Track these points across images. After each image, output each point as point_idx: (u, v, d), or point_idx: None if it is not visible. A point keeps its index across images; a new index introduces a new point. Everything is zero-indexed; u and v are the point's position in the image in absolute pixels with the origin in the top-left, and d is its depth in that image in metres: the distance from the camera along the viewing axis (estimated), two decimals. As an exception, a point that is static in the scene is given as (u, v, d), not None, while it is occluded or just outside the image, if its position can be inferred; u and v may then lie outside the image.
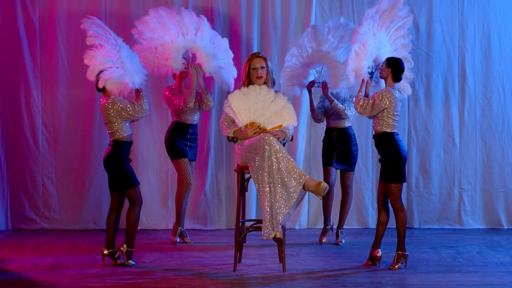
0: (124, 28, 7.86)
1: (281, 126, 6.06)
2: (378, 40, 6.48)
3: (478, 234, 7.74)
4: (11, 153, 7.89)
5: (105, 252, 6.30)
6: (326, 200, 7.17)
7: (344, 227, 7.37)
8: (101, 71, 6.15)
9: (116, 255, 6.31)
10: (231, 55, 7.18)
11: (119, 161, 6.25)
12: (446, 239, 7.49)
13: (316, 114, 7.19)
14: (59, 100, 7.89)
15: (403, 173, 6.15)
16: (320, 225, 7.79)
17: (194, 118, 7.17)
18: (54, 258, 6.56)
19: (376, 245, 6.24)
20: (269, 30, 7.98)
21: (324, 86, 7.02)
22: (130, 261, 6.30)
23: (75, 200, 7.93)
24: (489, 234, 7.77)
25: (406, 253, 6.18)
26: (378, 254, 6.22)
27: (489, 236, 7.62)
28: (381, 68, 6.25)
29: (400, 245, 6.15)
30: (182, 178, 7.10)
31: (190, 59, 7.08)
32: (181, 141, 7.10)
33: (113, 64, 6.18)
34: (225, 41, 7.16)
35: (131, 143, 6.34)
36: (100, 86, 6.18)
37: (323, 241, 7.21)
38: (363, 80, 6.36)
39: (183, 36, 6.95)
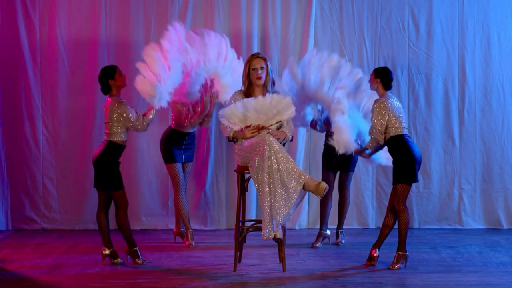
0: (124, 27, 7.89)
1: (279, 121, 6.05)
2: (353, 118, 6.57)
3: (478, 234, 7.74)
4: (12, 153, 7.89)
5: (106, 252, 6.31)
6: (324, 204, 7.08)
7: (344, 227, 7.37)
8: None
9: (122, 260, 6.32)
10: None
11: (112, 162, 6.24)
12: (446, 239, 7.49)
13: (320, 130, 7.08)
14: (59, 100, 7.90)
15: (411, 174, 6.08)
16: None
17: (193, 128, 7.14)
18: (55, 258, 6.56)
19: (376, 245, 6.25)
20: (269, 30, 7.98)
21: (327, 123, 6.91)
22: (138, 260, 6.31)
23: (75, 200, 7.94)
24: (489, 234, 7.77)
25: (407, 253, 6.18)
26: (375, 254, 6.23)
27: (489, 236, 7.62)
28: (370, 81, 6.28)
29: (401, 246, 6.15)
30: (172, 182, 7.09)
31: (207, 84, 6.95)
32: (176, 146, 7.06)
33: (158, 73, 6.29)
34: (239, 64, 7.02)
35: (124, 147, 6.33)
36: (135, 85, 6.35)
37: (316, 245, 7.06)
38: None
39: (204, 64, 6.80)
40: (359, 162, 7.72)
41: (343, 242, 7.22)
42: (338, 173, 7.18)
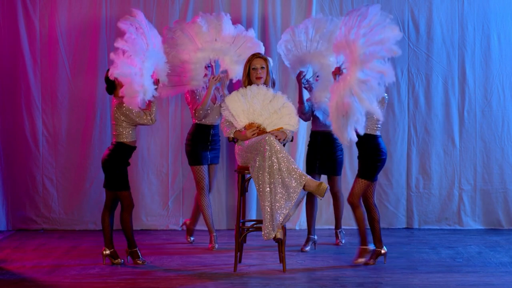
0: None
1: (281, 129, 6.06)
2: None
3: (478, 235, 7.75)
4: (11, 153, 7.90)
5: (106, 252, 6.32)
6: (310, 209, 6.98)
7: (343, 227, 7.38)
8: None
9: (122, 260, 6.33)
10: (259, 45, 7.02)
11: (120, 163, 6.25)
12: (446, 239, 7.50)
13: (303, 108, 6.85)
14: (59, 100, 7.90)
15: (374, 172, 6.22)
16: (319, 226, 7.82)
17: (215, 118, 6.95)
18: (55, 258, 6.57)
19: (374, 242, 6.29)
20: (269, 30, 7.99)
21: (309, 88, 6.89)
22: (138, 261, 6.32)
23: (75, 200, 7.94)
24: (488, 234, 7.78)
25: (369, 247, 6.27)
26: (382, 251, 6.28)
27: (489, 237, 7.63)
28: None
29: (363, 240, 6.27)
30: (197, 184, 6.99)
31: (213, 67, 6.92)
32: (202, 145, 6.94)
33: (132, 75, 6.06)
34: (249, 34, 7.02)
35: (134, 148, 6.32)
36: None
37: (305, 249, 6.93)
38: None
39: (203, 48, 6.78)
40: (355, 164, 7.72)
41: (343, 242, 7.23)
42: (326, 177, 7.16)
